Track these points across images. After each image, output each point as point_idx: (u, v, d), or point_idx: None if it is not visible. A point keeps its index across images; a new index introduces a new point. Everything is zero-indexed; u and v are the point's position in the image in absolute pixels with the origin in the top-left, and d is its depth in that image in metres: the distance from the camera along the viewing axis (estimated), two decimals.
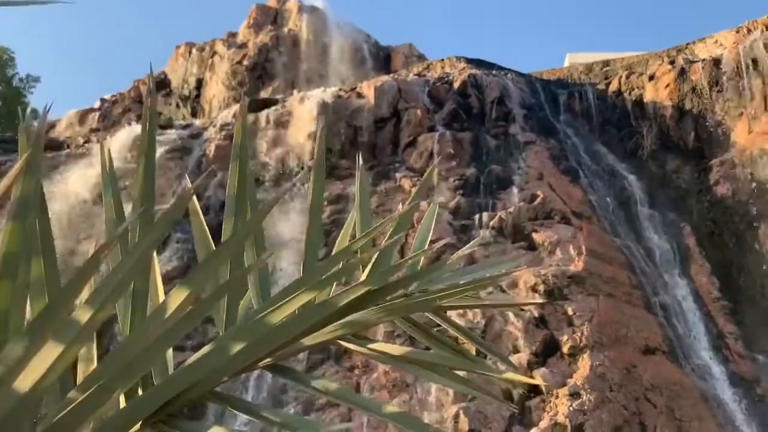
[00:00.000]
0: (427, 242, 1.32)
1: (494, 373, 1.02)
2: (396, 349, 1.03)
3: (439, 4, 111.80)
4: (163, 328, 0.73)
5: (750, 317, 12.50)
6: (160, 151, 15.00)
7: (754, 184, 13.97)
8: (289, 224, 12.16)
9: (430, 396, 9.84)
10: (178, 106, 26.08)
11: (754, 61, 14.82)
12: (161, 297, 0.96)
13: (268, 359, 0.92)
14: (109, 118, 25.68)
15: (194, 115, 24.41)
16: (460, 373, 1.14)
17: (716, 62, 15.42)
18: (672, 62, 16.37)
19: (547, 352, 10.01)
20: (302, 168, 14.34)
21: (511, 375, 1.02)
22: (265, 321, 0.83)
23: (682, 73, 15.75)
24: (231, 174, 1.04)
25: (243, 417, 0.97)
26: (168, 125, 16.90)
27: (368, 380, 10.26)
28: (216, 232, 0.99)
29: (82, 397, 0.70)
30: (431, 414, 9.65)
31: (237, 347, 0.80)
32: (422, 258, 1.34)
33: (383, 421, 9.17)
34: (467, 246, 1.23)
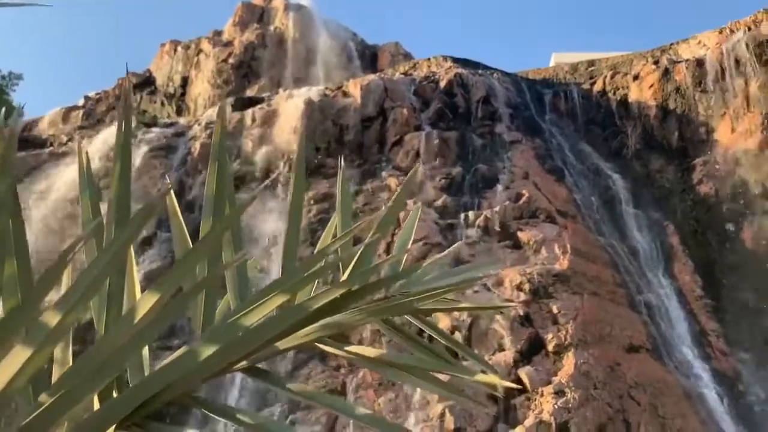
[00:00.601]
0: (410, 243, 1.32)
1: (470, 376, 1.03)
2: (373, 351, 1.03)
3: (425, 3, 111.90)
4: (136, 329, 0.73)
5: (732, 315, 12.64)
6: (144, 149, 14.90)
7: (736, 183, 14.12)
8: (280, 224, 12.13)
9: (416, 395, 9.86)
10: (163, 104, 25.90)
11: (737, 62, 14.98)
12: (138, 297, 0.95)
13: (244, 362, 0.92)
14: (93, 116, 25.45)
15: (179, 113, 24.25)
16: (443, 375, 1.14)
17: (699, 63, 15.57)
18: (656, 62, 16.50)
19: (532, 351, 10.06)
20: (289, 167, 14.29)
21: (487, 377, 1.02)
22: (240, 323, 0.83)
23: (666, 73, 15.89)
24: (209, 174, 1.03)
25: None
26: (152, 123, 16.79)
27: (354, 379, 10.26)
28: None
29: (54, 399, 0.70)
30: (417, 412, 9.68)
31: (211, 349, 0.80)
32: (404, 259, 1.34)
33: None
34: (446, 252, 1.23)
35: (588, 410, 9.28)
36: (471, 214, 12.81)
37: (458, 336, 10.35)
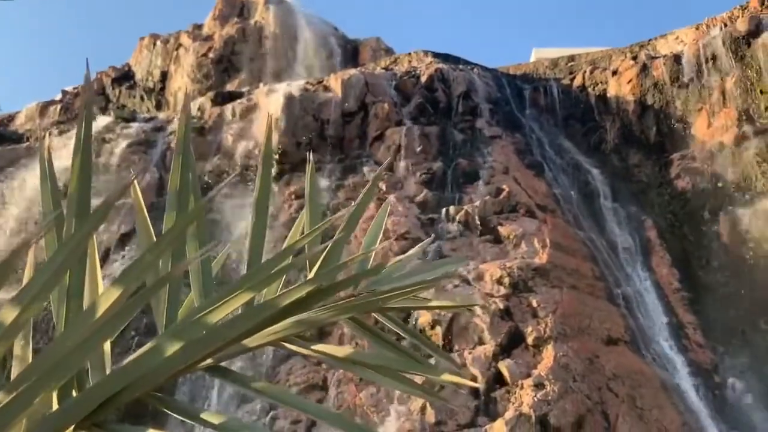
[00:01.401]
0: (379, 239, 1.32)
1: (437, 375, 1.03)
2: (342, 350, 1.03)
3: None
4: (97, 325, 0.72)
5: (709, 307, 12.82)
6: (123, 144, 14.74)
7: (713, 178, 14.31)
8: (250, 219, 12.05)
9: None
10: (142, 98, 25.64)
11: (713, 58, 15.16)
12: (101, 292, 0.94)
13: (209, 360, 0.91)
14: (70, 110, 25.12)
15: (159, 108, 24.02)
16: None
17: (677, 58, 15.73)
18: (635, 58, 16.65)
19: (512, 344, 10.13)
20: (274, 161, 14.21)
21: (453, 377, 1.02)
22: (204, 321, 0.83)
23: (645, 68, 16.03)
24: (173, 169, 1.02)
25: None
26: (131, 118, 16.60)
27: (335, 374, 10.27)
28: None
29: (11, 397, 0.69)
30: (398, 407, 9.70)
31: (173, 347, 0.79)
32: (373, 255, 1.35)
33: (350, 413, 9.12)
34: (416, 249, 1.23)
35: (567, 402, 9.37)
36: (452, 208, 12.86)
37: (438, 330, 10.39)
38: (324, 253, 1.16)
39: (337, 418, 0.87)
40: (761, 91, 14.19)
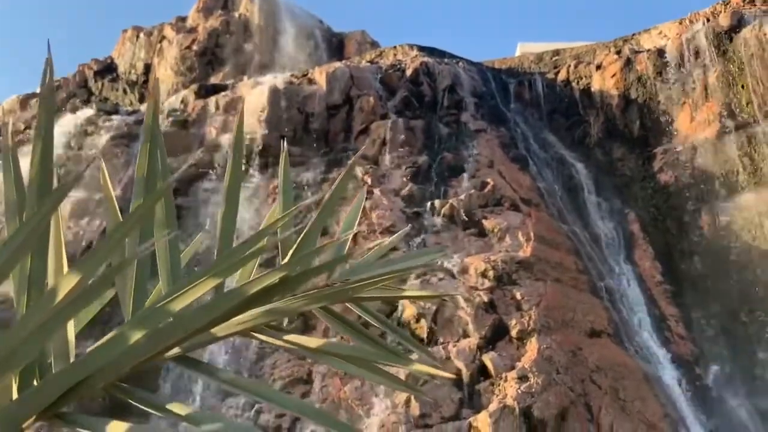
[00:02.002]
0: (354, 227, 1.31)
1: (408, 366, 1.02)
2: (314, 341, 1.02)
3: None
4: (56, 308, 0.70)
5: (690, 300, 12.96)
6: (105, 137, 14.59)
7: (695, 172, 14.44)
8: (242, 212, 11.99)
9: None
10: (125, 91, 25.38)
11: (696, 52, 15.26)
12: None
13: (177, 350, 0.90)
14: None
15: (142, 100, 23.80)
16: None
17: (660, 53, 15.83)
18: (618, 52, 16.73)
19: (496, 337, 10.17)
20: (252, 155, 14.14)
21: (425, 367, 1.02)
22: (169, 308, 0.81)
23: (628, 63, 16.12)
24: (141, 155, 1.01)
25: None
26: (113, 111, 16.43)
27: (320, 368, 10.26)
28: None
29: None
30: (383, 400, 9.72)
31: (136, 336, 0.78)
32: (348, 243, 1.33)
33: (335, 407, 9.10)
34: (390, 240, 1.22)
35: (551, 395, 9.42)
36: (437, 202, 12.87)
37: (423, 323, 10.41)
38: (298, 241, 1.15)
39: (307, 409, 0.86)
40: (743, 86, 14.32)
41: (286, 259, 1.12)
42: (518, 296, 10.67)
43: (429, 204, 12.84)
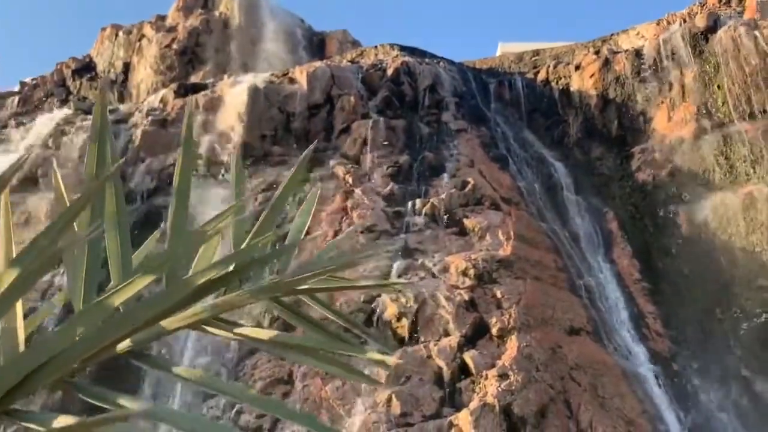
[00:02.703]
0: (306, 227, 1.31)
1: (362, 354, 1.03)
2: (265, 333, 1.03)
3: None
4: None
5: (668, 297, 13.10)
6: (83, 137, 14.44)
7: (672, 171, 14.61)
8: (213, 210, 11.91)
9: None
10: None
11: (673, 53, 15.45)
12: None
13: (128, 344, 0.90)
14: (29, 102, 24.52)
15: (122, 100, 23.57)
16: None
17: (638, 53, 16.00)
18: (597, 52, 16.88)
19: (476, 335, 10.22)
20: (232, 154, 14.06)
21: (379, 355, 1.03)
22: (112, 301, 0.81)
23: (607, 63, 16.27)
24: (90, 147, 1.00)
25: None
26: (91, 110, 16.25)
27: (301, 368, 10.24)
28: (144, 221, 0.97)
29: None
30: (364, 399, 9.72)
31: (82, 329, 0.78)
32: (298, 240, 1.33)
33: (316, 407, 9.07)
34: (341, 236, 1.23)
35: (530, 392, 9.49)
36: (418, 201, 12.91)
37: (404, 322, 10.43)
38: (251, 234, 1.16)
39: (269, 404, 0.87)
40: (719, 86, 14.52)
41: (242, 247, 1.12)
42: (498, 294, 10.73)
43: (410, 203, 12.87)
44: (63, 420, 0.79)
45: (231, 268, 0.98)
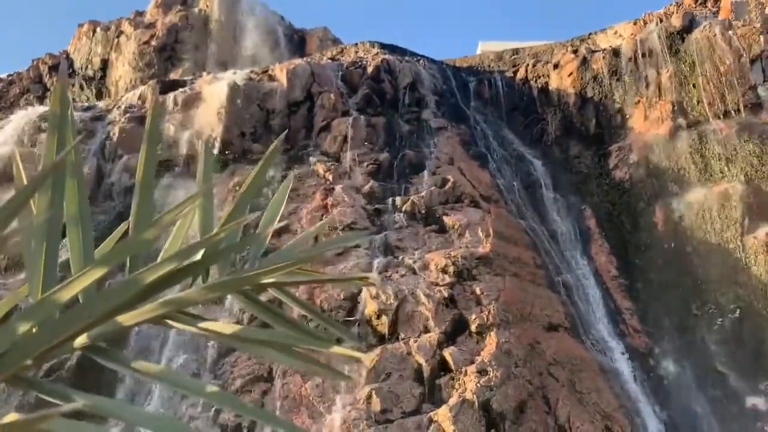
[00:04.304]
0: (277, 219, 1.32)
1: (328, 348, 1.04)
2: (229, 327, 1.03)
3: None
4: None
5: (645, 294, 13.26)
6: None
7: (649, 169, 14.79)
8: None
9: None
10: (82, 87, 24.82)
11: (650, 52, 15.63)
12: None
13: (84, 339, 0.90)
14: (5, 98, 24.16)
15: (99, 97, 23.30)
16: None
17: (615, 52, 16.16)
18: (575, 51, 17.02)
19: (456, 331, 10.27)
20: (219, 150, 13.96)
21: (345, 349, 1.04)
22: (59, 297, 0.81)
23: (585, 62, 16.41)
24: (49, 135, 1.00)
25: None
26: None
27: (280, 366, 10.22)
28: (121, 219, 0.96)
29: None
30: (344, 396, 9.73)
31: (30, 323, 0.78)
32: (269, 234, 1.34)
33: (296, 404, 9.03)
34: (310, 230, 1.24)
35: (509, 388, 9.57)
36: (398, 199, 12.93)
37: (384, 319, 10.45)
38: (216, 229, 1.16)
39: (224, 402, 0.87)
40: (694, 85, 14.72)
41: (211, 234, 1.12)
42: (478, 291, 10.79)
43: (390, 201, 12.89)
44: (10, 417, 0.79)
45: (198, 257, 0.97)
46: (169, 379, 0.96)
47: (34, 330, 0.78)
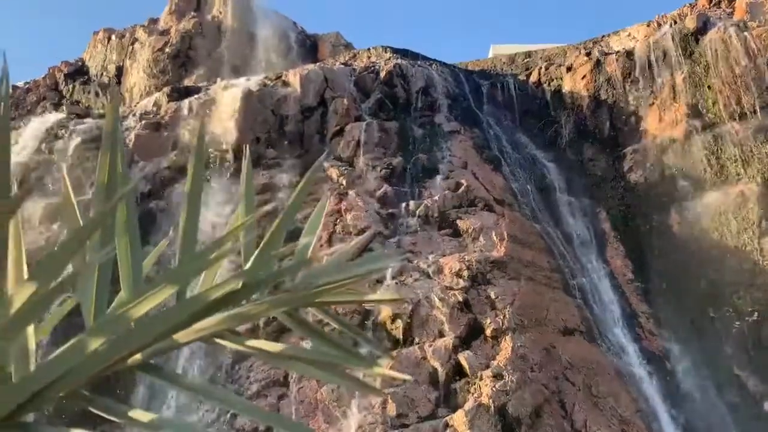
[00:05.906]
0: (318, 231, 1.33)
1: (368, 367, 1.06)
2: (275, 346, 1.05)
3: None
4: (12, 318, 0.73)
5: (661, 297, 13.19)
6: (76, 141, 14.40)
7: (664, 171, 14.71)
8: (210, 214, 11.92)
9: None
10: (97, 94, 25.06)
11: (664, 54, 15.55)
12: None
13: (138, 357, 0.93)
14: (22, 106, 24.43)
15: None
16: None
17: (629, 54, 16.10)
18: (588, 54, 16.97)
19: (471, 336, 10.26)
20: (226, 158, 14.05)
21: (382, 370, 1.05)
22: (129, 314, 0.84)
23: (598, 64, 16.36)
24: (100, 162, 1.02)
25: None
26: (85, 114, 16.23)
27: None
28: (140, 226, 0.99)
29: None
30: (360, 400, 9.75)
31: (97, 344, 0.81)
32: (311, 247, 1.36)
33: (312, 409, 9.08)
34: (340, 249, 1.27)
35: (525, 392, 9.54)
36: (412, 203, 12.94)
37: (399, 324, 10.46)
38: (261, 246, 1.18)
39: (273, 418, 0.90)
40: (709, 87, 14.63)
41: (248, 265, 1.15)
42: (492, 295, 10.77)
43: (404, 205, 12.90)
44: None
45: (239, 286, 1.00)
46: (214, 394, 0.99)
47: (94, 351, 0.80)
